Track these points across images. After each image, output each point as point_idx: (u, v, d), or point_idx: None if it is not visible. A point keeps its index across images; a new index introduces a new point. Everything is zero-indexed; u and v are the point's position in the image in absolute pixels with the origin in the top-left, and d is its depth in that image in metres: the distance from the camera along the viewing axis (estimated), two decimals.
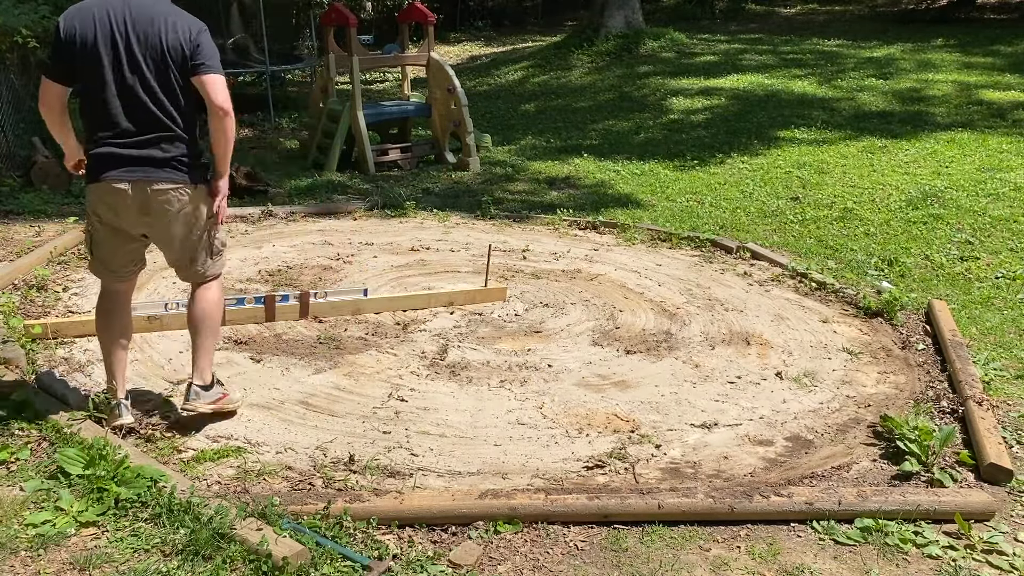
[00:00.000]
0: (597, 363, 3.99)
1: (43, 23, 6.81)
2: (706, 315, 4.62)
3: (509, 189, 7.65)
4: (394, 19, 13.88)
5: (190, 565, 2.41)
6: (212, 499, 2.67)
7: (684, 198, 7.16)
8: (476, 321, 4.47)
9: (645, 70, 13.02)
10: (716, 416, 3.51)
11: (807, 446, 3.30)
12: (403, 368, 3.88)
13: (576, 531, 2.71)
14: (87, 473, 2.76)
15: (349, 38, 8.00)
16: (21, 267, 4.84)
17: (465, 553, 2.56)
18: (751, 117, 10.10)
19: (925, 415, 3.47)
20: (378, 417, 3.42)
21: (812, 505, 2.78)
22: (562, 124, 10.62)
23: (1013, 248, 5.68)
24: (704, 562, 2.59)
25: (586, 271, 5.32)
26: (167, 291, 4.70)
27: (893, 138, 8.82)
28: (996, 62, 12.22)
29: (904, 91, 10.87)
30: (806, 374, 3.93)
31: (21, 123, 7.18)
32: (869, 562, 2.61)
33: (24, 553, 2.46)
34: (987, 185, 7.03)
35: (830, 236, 6.04)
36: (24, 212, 6.16)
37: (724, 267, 5.45)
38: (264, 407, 3.47)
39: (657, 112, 10.70)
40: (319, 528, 2.59)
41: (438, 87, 8.49)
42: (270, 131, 10.45)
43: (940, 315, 4.41)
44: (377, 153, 8.27)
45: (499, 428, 3.36)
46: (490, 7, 22.02)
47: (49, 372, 3.55)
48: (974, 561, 2.63)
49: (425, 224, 6.36)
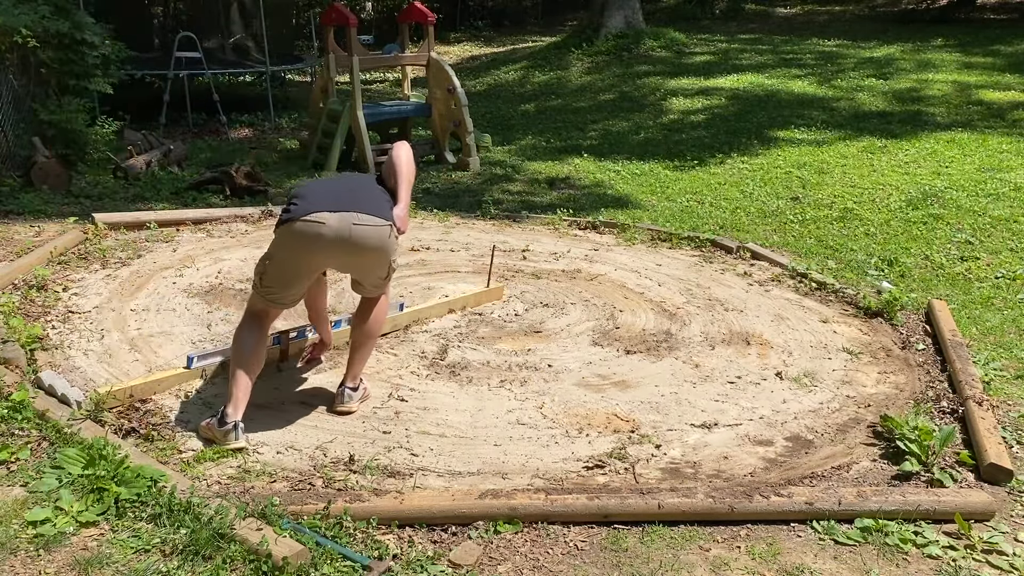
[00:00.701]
0: (597, 363, 3.99)
1: (43, 23, 6.81)
2: (706, 315, 4.62)
3: (509, 189, 7.65)
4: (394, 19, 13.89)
5: (190, 565, 2.41)
6: (212, 499, 2.67)
7: (684, 198, 7.16)
8: (476, 321, 4.47)
9: (645, 70, 13.02)
10: (716, 416, 3.51)
11: (807, 446, 3.30)
12: (403, 368, 3.88)
13: (576, 531, 2.71)
14: (87, 473, 2.76)
15: (349, 38, 8.00)
16: (21, 267, 4.84)
17: (465, 553, 2.57)
18: (751, 117, 10.10)
19: (925, 415, 3.47)
20: (378, 417, 3.42)
21: (812, 505, 2.78)
22: (562, 124, 10.63)
23: (1013, 248, 5.68)
24: (704, 562, 2.59)
25: (586, 271, 5.32)
26: (167, 291, 4.70)
27: (893, 138, 8.82)
28: (996, 62, 12.23)
29: (904, 91, 10.87)
30: (806, 374, 3.93)
31: (21, 123, 7.18)
32: (869, 562, 2.61)
33: (24, 553, 2.47)
34: (987, 185, 7.04)
35: (830, 236, 6.04)
36: (24, 212, 6.16)
37: (724, 267, 5.45)
38: (264, 407, 3.47)
39: (657, 112, 10.71)
40: (319, 528, 2.59)
41: (438, 87, 8.49)
42: (270, 131, 10.46)
43: (940, 315, 4.41)
44: (377, 153, 8.27)
45: (499, 428, 3.36)
46: (490, 7, 22.02)
47: (49, 372, 3.55)
48: (974, 561, 2.63)
49: (425, 224, 6.36)
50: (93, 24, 7.45)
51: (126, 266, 5.16)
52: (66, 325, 4.22)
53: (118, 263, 5.21)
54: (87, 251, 5.37)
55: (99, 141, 7.64)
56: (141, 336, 4.12)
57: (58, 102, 7.17)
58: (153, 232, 5.80)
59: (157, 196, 6.96)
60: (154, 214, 6.14)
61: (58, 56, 7.09)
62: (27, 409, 3.19)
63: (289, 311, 3.82)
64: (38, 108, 7.06)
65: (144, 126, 8.91)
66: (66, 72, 7.26)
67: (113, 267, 5.13)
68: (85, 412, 3.21)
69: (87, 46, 7.25)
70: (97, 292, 4.69)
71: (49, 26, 6.87)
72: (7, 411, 3.17)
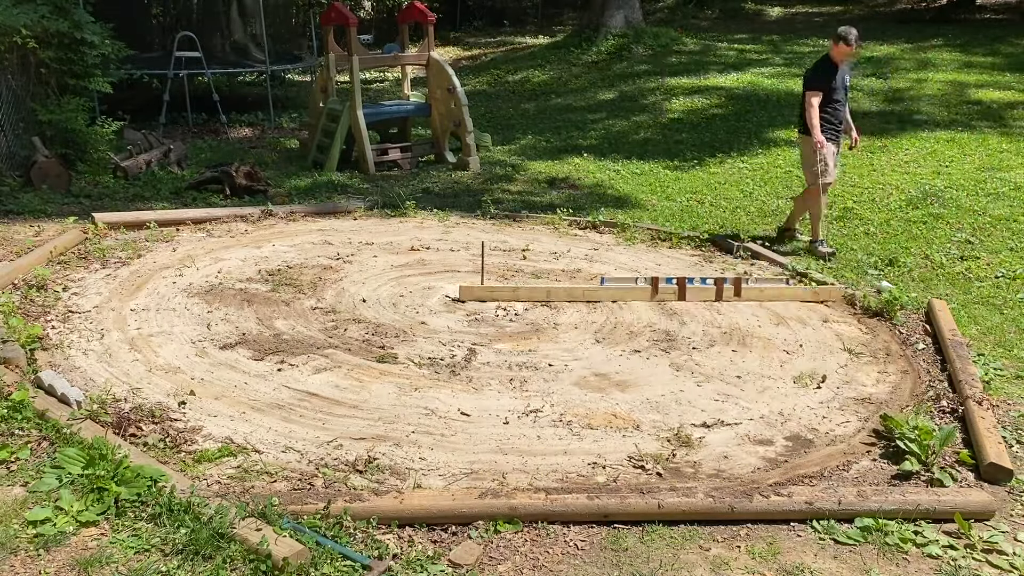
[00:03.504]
0: (597, 363, 3.99)
1: (42, 23, 6.81)
2: (706, 315, 4.62)
3: (509, 189, 7.65)
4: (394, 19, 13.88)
5: (190, 565, 2.41)
6: (212, 499, 2.67)
7: (684, 198, 7.16)
8: (476, 321, 4.47)
9: (644, 70, 13.01)
10: (716, 416, 3.51)
11: (807, 446, 3.30)
12: (404, 368, 3.88)
13: (576, 531, 2.71)
14: (87, 473, 2.76)
15: (349, 38, 8.00)
16: (21, 267, 4.84)
17: (465, 553, 2.57)
18: (751, 117, 10.10)
19: (925, 415, 3.47)
20: (378, 417, 3.42)
21: (812, 505, 2.78)
22: (562, 124, 10.62)
23: (1013, 248, 5.68)
24: (704, 561, 2.59)
25: (586, 271, 5.31)
26: (166, 290, 4.70)
27: (893, 138, 8.82)
28: (996, 62, 12.22)
29: (904, 91, 10.87)
30: (806, 374, 3.93)
31: (21, 123, 7.17)
32: (869, 561, 2.61)
33: (24, 553, 2.46)
34: (987, 185, 7.04)
35: (830, 236, 6.04)
36: (24, 212, 6.16)
37: (724, 267, 5.45)
38: (264, 407, 3.47)
39: (657, 112, 10.70)
40: (319, 528, 2.59)
41: (438, 87, 8.49)
42: (270, 131, 10.45)
43: (940, 315, 4.41)
44: (377, 153, 8.27)
45: (499, 428, 3.36)
46: (490, 7, 22.01)
47: (49, 372, 3.55)
48: (974, 560, 2.63)
49: (425, 224, 6.36)
50: (93, 24, 7.45)
51: (126, 266, 5.16)
52: (66, 325, 4.22)
53: (118, 263, 5.21)
54: (87, 251, 5.37)
55: (99, 141, 7.63)
56: (141, 336, 4.12)
57: (58, 102, 7.16)
58: (153, 232, 5.80)
59: (157, 196, 6.96)
60: (154, 214, 6.15)
61: (58, 56, 7.08)
62: (27, 409, 3.19)
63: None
64: (38, 108, 7.06)
65: (144, 126, 8.91)
66: (66, 72, 7.26)
67: (113, 267, 5.13)
68: (85, 412, 3.21)
69: (87, 45, 7.24)
70: (97, 292, 4.69)
71: (48, 26, 6.86)
72: (7, 411, 3.17)
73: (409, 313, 4.54)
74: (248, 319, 4.38)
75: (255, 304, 4.59)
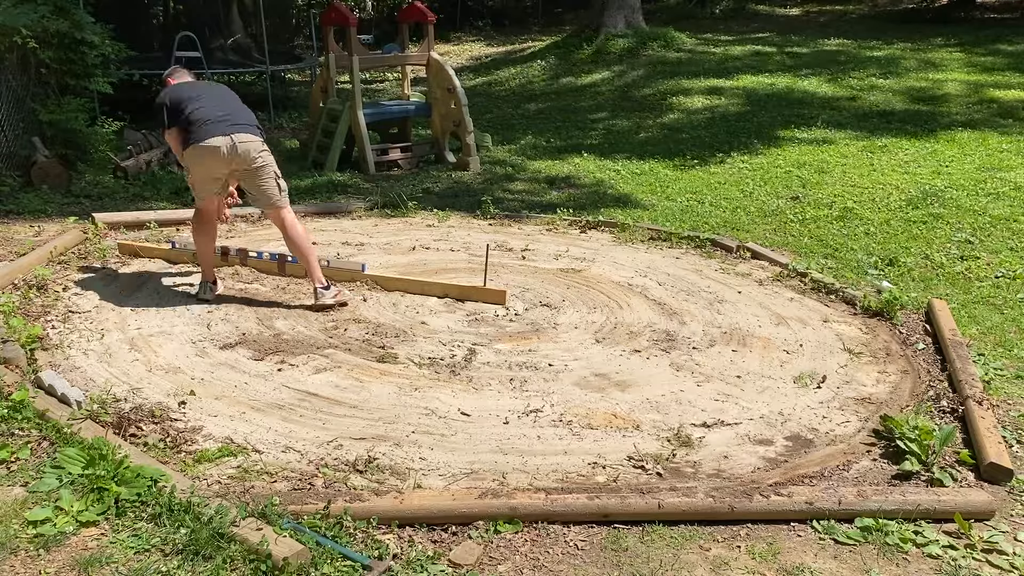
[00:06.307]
0: (597, 363, 3.99)
1: (43, 23, 6.81)
2: (706, 314, 4.62)
3: (509, 189, 7.65)
4: (394, 19, 13.89)
5: (190, 565, 2.41)
6: (212, 499, 2.67)
7: (684, 197, 7.16)
8: (476, 321, 4.47)
9: (645, 69, 13.02)
10: (716, 416, 3.51)
11: (807, 446, 3.30)
12: (404, 368, 3.88)
13: (576, 531, 2.71)
14: (87, 473, 2.76)
15: (349, 38, 8.00)
16: (21, 267, 4.84)
17: (465, 553, 2.57)
18: (751, 116, 10.10)
19: (925, 415, 3.47)
20: (378, 417, 3.42)
21: (812, 505, 2.78)
22: (562, 123, 10.63)
23: (1013, 247, 5.68)
24: (704, 562, 2.59)
25: (586, 270, 5.31)
26: (167, 290, 4.70)
27: (893, 137, 8.82)
28: (997, 61, 12.22)
29: (904, 90, 10.87)
30: (806, 374, 3.93)
31: (21, 123, 7.17)
32: (869, 562, 2.61)
33: (24, 553, 2.47)
34: (987, 184, 7.04)
35: (830, 236, 6.04)
36: (24, 212, 6.17)
37: (724, 266, 5.45)
38: (264, 407, 3.47)
39: (657, 111, 10.70)
40: (319, 528, 2.59)
41: (438, 87, 8.49)
42: (270, 131, 10.45)
43: (940, 314, 4.41)
44: (377, 153, 8.27)
45: (499, 428, 3.36)
46: (490, 7, 22.02)
47: (49, 372, 3.55)
48: (974, 560, 2.63)
49: (425, 224, 6.36)
50: (93, 24, 7.45)
51: (126, 266, 5.17)
52: (66, 325, 4.22)
53: (118, 263, 5.21)
54: (87, 251, 5.37)
55: (99, 141, 7.64)
56: (141, 335, 4.12)
57: (58, 102, 7.17)
58: (153, 232, 5.80)
59: (157, 196, 6.97)
60: (154, 214, 6.15)
61: (58, 56, 7.08)
62: (27, 409, 3.19)
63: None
64: (38, 108, 7.06)
65: (144, 126, 8.91)
66: (66, 72, 7.26)
67: (113, 267, 5.13)
68: (85, 412, 3.21)
69: (87, 46, 7.25)
70: (97, 292, 4.69)
71: (49, 26, 6.87)
72: (7, 411, 3.17)
73: (409, 313, 4.55)
74: (248, 319, 4.38)
75: (255, 304, 4.59)
